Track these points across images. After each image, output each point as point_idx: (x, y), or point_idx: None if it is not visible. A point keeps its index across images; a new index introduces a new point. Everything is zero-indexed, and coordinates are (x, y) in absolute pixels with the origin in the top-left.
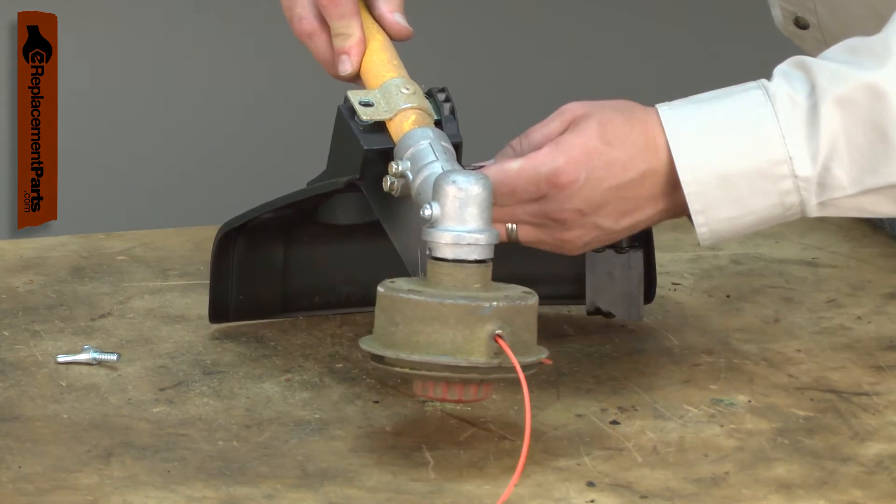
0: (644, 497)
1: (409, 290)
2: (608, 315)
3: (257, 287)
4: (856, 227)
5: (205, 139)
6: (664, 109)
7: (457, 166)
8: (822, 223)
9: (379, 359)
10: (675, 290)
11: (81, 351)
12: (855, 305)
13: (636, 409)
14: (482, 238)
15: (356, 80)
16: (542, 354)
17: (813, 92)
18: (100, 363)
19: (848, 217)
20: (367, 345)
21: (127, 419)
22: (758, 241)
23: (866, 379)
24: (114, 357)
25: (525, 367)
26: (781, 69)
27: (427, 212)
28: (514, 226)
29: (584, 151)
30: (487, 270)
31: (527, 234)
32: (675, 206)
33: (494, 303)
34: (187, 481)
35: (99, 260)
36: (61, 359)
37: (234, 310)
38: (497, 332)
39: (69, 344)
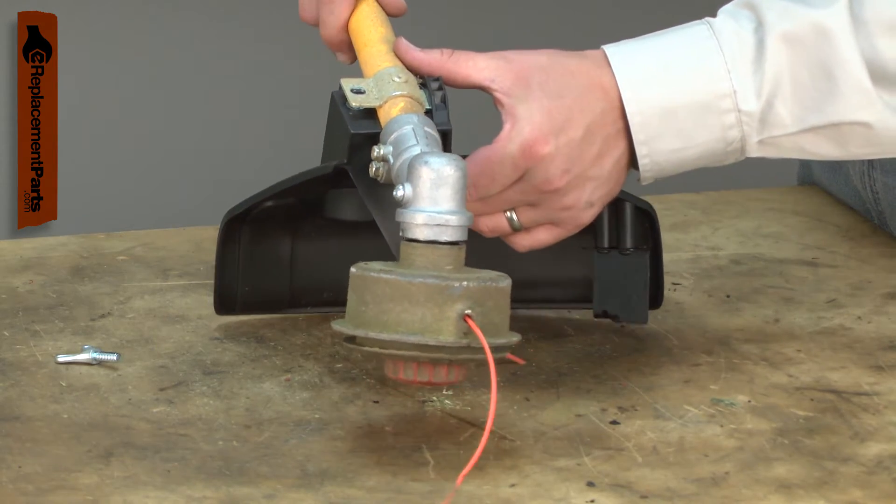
0: (644, 497)
1: (381, 270)
2: (615, 318)
3: (264, 279)
4: (856, 227)
5: (205, 139)
6: (610, 48)
7: (437, 151)
8: (822, 223)
9: (350, 339)
10: (675, 290)
11: (81, 351)
12: (855, 305)
13: (636, 409)
14: (454, 219)
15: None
16: (514, 339)
17: (759, 27)
18: (100, 363)
19: (847, 216)
20: (339, 325)
21: (127, 419)
22: (758, 241)
23: (866, 379)
24: (114, 357)
25: (495, 349)
26: (727, 9)
27: (399, 192)
28: (514, 214)
29: (541, 113)
30: (460, 253)
31: (528, 216)
32: (630, 143)
33: (465, 282)
34: (187, 481)
35: (99, 260)
36: (61, 359)
37: (240, 302)
38: (467, 311)
39: (69, 344)
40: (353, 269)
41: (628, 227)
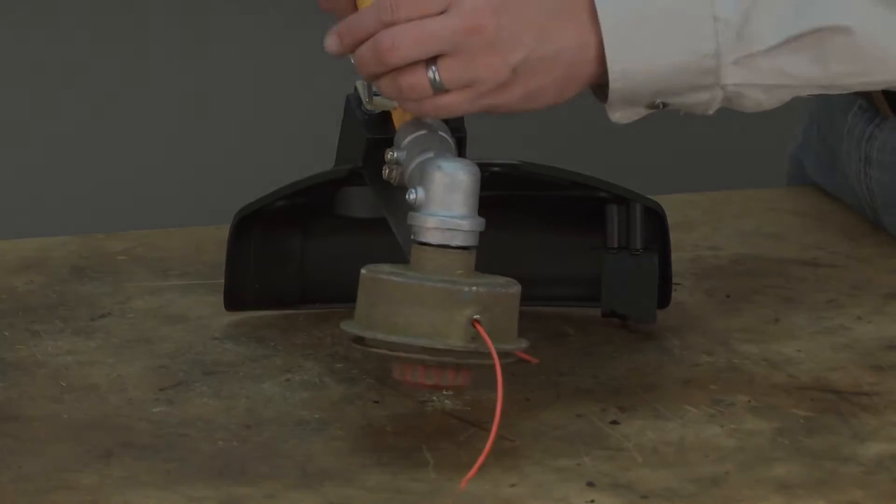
0: (644, 497)
1: (391, 273)
2: (623, 318)
3: (275, 277)
4: (856, 226)
5: (205, 139)
6: None
7: (449, 156)
8: (822, 223)
9: (359, 340)
10: (675, 290)
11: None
12: (855, 305)
13: (636, 409)
14: (465, 224)
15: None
16: (522, 345)
17: None
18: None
19: (847, 216)
20: (347, 326)
21: (127, 419)
22: (758, 241)
23: (866, 379)
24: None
25: (502, 355)
26: None
27: (412, 196)
28: (436, 74)
29: None
30: (471, 257)
31: (448, 71)
32: (597, 44)
33: (474, 287)
34: (187, 481)
35: (99, 260)
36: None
37: (250, 299)
38: (475, 317)
39: (69, 344)
40: (363, 271)
41: (638, 227)
